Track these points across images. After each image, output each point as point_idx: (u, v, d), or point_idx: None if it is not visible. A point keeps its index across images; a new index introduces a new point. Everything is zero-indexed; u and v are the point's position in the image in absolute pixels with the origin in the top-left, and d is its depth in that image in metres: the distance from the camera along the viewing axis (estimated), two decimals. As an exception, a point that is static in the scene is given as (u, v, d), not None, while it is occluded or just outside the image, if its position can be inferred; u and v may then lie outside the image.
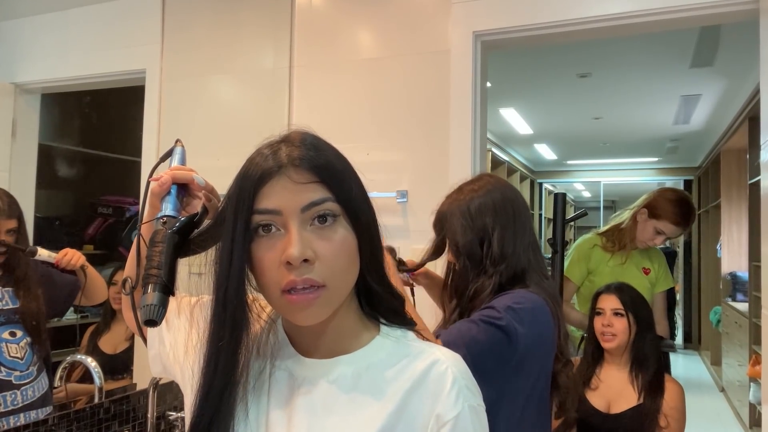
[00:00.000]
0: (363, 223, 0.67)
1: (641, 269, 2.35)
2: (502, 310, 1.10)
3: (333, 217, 0.64)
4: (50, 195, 1.54)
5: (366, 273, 0.69)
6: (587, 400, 1.88)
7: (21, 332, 1.35)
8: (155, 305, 0.64)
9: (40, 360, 1.38)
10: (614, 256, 2.35)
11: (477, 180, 1.31)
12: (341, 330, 0.70)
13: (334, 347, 0.70)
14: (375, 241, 0.69)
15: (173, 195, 0.78)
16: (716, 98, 4.72)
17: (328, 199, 0.63)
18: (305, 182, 0.63)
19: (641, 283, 2.23)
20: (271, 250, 0.63)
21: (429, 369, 0.67)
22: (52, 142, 1.55)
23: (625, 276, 2.25)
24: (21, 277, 1.37)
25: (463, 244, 1.22)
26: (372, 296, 0.71)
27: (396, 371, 0.68)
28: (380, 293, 0.71)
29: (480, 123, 2.04)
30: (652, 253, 2.40)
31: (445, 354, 0.69)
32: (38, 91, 1.49)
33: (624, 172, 8.26)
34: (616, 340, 1.87)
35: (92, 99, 1.66)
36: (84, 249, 1.61)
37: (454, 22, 2.04)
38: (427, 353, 0.69)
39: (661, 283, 2.38)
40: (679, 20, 1.87)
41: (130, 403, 1.55)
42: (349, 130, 2.13)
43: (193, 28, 1.94)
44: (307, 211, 0.63)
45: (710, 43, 3.46)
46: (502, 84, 4.28)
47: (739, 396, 4.76)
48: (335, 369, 0.69)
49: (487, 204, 1.23)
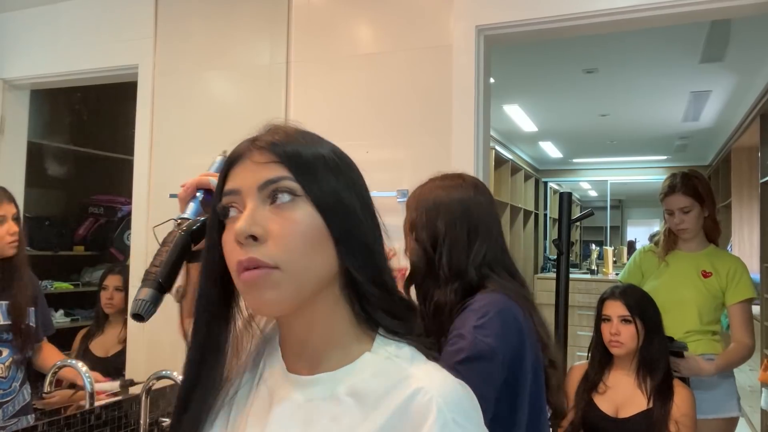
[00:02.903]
0: (333, 207, 0.64)
1: (700, 272, 2.22)
2: (469, 334, 1.09)
3: (291, 195, 0.63)
4: (40, 194, 1.54)
5: (352, 269, 0.65)
6: (596, 404, 1.88)
7: (8, 351, 1.33)
8: (145, 301, 0.66)
9: (22, 373, 1.37)
10: (666, 258, 2.30)
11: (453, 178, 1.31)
12: (328, 339, 0.66)
13: (319, 360, 0.67)
14: (363, 234, 0.66)
15: (197, 199, 0.85)
16: (727, 94, 4.71)
17: (286, 178, 0.63)
18: (265, 162, 0.64)
19: (696, 286, 2.19)
20: (229, 231, 0.64)
21: (411, 398, 0.60)
22: (42, 139, 1.55)
23: (678, 278, 2.22)
24: (17, 291, 1.35)
25: (421, 240, 1.23)
26: (363, 298, 0.67)
27: (377, 397, 0.62)
28: (373, 295, 0.66)
29: (483, 120, 2.04)
30: (722, 258, 2.25)
31: (435, 381, 0.62)
32: (27, 87, 1.49)
33: (631, 171, 8.25)
34: (624, 347, 1.88)
35: (83, 95, 1.66)
36: (75, 250, 1.61)
37: (457, 15, 2.04)
38: (413, 379, 0.62)
39: (732, 292, 2.18)
40: (688, 14, 1.87)
41: (122, 408, 1.54)
42: (348, 128, 2.13)
43: (187, 22, 1.93)
44: (264, 189, 0.63)
45: (721, 38, 3.45)
46: (506, 80, 4.28)
47: (750, 402, 4.75)
48: (314, 389, 0.66)
49: (446, 210, 1.23)
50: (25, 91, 1.48)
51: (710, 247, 2.29)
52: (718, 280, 2.19)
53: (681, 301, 2.19)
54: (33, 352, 1.41)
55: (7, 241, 1.33)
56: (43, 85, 1.54)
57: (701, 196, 2.22)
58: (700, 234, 2.28)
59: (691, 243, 2.28)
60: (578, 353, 5.58)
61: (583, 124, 5.90)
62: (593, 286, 6.05)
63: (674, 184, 2.25)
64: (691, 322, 2.18)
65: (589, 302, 5.78)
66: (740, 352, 2.15)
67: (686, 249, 2.29)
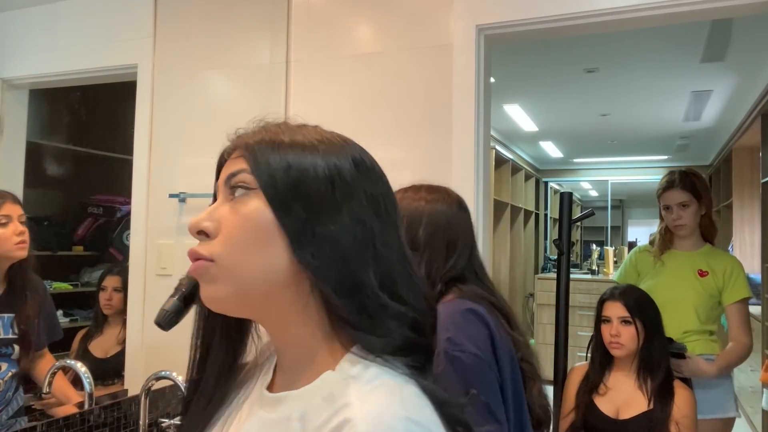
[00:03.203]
0: (286, 200, 0.59)
1: (696, 271, 2.22)
2: (445, 353, 1.08)
3: (245, 189, 0.61)
4: (39, 194, 1.54)
5: (308, 271, 0.59)
6: (596, 406, 1.89)
7: (6, 365, 1.30)
8: (167, 312, 0.68)
9: (17, 381, 1.34)
10: (662, 257, 2.31)
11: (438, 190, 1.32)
12: (302, 351, 0.62)
13: (288, 376, 0.64)
14: (330, 234, 0.59)
15: None
16: (728, 94, 4.72)
17: (243, 171, 0.62)
18: (235, 156, 0.64)
19: (693, 286, 2.19)
20: None
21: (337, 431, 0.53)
22: (41, 139, 1.55)
23: (675, 278, 2.22)
24: (26, 302, 1.32)
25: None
26: (331, 307, 0.60)
27: (316, 426, 0.56)
28: (338, 306, 0.58)
29: (483, 120, 2.04)
30: (718, 257, 2.24)
31: (369, 414, 0.53)
32: (26, 86, 1.49)
33: (632, 171, 8.26)
34: (624, 348, 1.88)
35: (82, 95, 1.66)
36: (74, 250, 1.61)
37: (457, 15, 2.04)
38: (348, 408, 0.54)
39: (729, 292, 2.18)
40: (689, 13, 1.87)
41: (122, 409, 1.54)
42: (348, 128, 2.12)
43: (186, 21, 1.93)
44: (227, 184, 0.63)
45: (722, 37, 3.46)
46: (506, 79, 4.28)
47: (751, 402, 4.76)
48: (275, 408, 0.62)
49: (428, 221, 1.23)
50: (24, 90, 1.48)
51: (706, 246, 2.29)
52: (715, 280, 2.20)
53: (678, 300, 2.19)
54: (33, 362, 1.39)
55: (14, 242, 1.29)
56: (42, 85, 1.54)
57: (699, 192, 2.23)
58: (696, 233, 2.28)
59: (687, 241, 2.28)
60: (579, 353, 5.58)
61: (584, 124, 5.90)
62: (594, 287, 6.05)
63: (673, 179, 2.26)
64: (689, 321, 2.19)
65: (590, 303, 5.78)
66: (739, 352, 2.16)
67: (682, 248, 2.29)
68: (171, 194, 1.83)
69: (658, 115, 5.42)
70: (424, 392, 0.58)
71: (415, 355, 0.60)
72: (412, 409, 0.54)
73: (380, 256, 0.61)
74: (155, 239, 1.78)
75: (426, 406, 0.57)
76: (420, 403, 0.56)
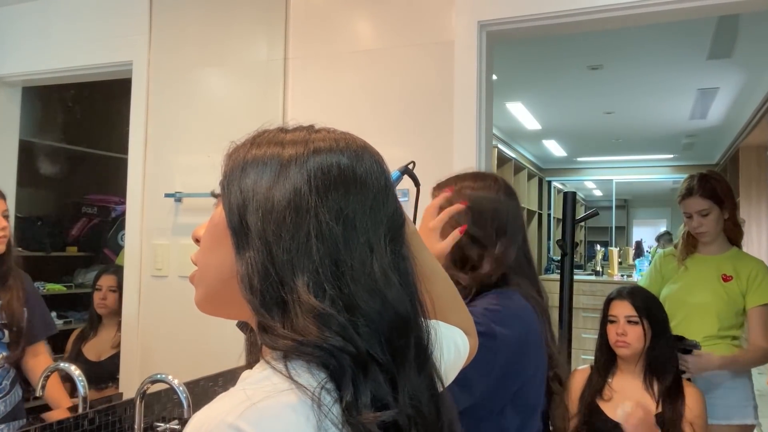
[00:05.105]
0: (231, 201, 0.60)
1: (720, 276, 2.19)
2: (479, 315, 1.11)
3: (216, 197, 0.66)
4: (32, 194, 1.54)
5: (236, 267, 0.59)
6: (601, 410, 1.88)
7: None
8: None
9: (13, 372, 1.37)
10: (685, 261, 2.29)
11: (486, 178, 1.34)
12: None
13: None
14: (260, 232, 0.57)
15: None
16: (735, 92, 4.72)
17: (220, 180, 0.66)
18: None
19: (715, 290, 2.17)
20: None
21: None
22: (34, 137, 1.55)
23: (697, 282, 2.20)
24: (8, 291, 1.35)
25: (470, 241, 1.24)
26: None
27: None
28: (247, 301, 0.57)
29: (486, 118, 2.04)
30: (744, 260, 2.21)
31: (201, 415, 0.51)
32: (19, 84, 1.49)
33: (637, 170, 8.26)
34: (630, 347, 1.88)
35: (76, 92, 1.66)
36: (67, 251, 1.61)
37: (458, 11, 2.04)
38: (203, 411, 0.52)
39: (752, 295, 2.14)
40: (695, 9, 1.87)
41: (116, 413, 1.54)
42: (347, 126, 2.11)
43: (182, 17, 1.93)
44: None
45: (728, 34, 3.45)
46: (509, 77, 4.28)
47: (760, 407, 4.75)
48: None
49: (498, 211, 1.27)
50: (16, 88, 1.48)
51: (732, 249, 2.25)
52: (739, 284, 2.17)
53: (699, 305, 2.17)
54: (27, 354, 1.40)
55: None
56: (35, 82, 1.54)
57: (720, 198, 2.18)
58: (721, 237, 2.25)
59: (711, 246, 2.25)
60: (583, 356, 5.58)
61: (588, 122, 5.90)
62: (598, 288, 6.05)
63: (691, 186, 2.21)
64: (709, 327, 2.16)
65: (594, 304, 5.77)
66: (752, 354, 2.14)
67: (706, 252, 2.26)
68: (167, 194, 1.83)
69: (663, 113, 5.42)
70: (312, 406, 0.52)
71: (335, 361, 0.54)
72: (250, 419, 0.49)
73: (293, 253, 0.57)
74: (150, 240, 1.78)
75: (287, 420, 0.51)
76: (277, 414, 0.51)
